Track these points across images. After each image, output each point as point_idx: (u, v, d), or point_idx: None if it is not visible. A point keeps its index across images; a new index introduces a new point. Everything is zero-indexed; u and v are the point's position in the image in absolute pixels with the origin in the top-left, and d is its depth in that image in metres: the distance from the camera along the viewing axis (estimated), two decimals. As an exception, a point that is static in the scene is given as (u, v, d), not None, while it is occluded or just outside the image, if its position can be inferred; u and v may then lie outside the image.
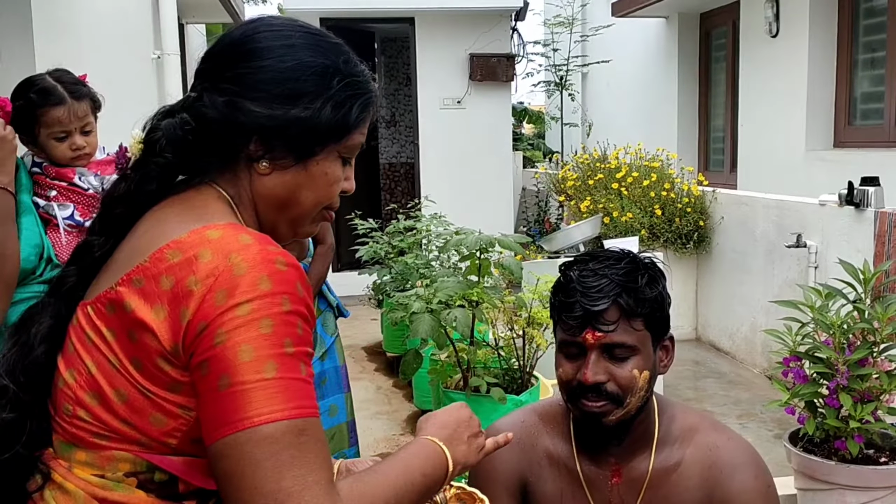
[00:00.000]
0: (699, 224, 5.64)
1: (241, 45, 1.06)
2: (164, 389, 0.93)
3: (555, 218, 8.30)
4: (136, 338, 0.93)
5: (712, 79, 7.17)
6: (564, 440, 1.48)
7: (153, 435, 0.95)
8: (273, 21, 1.09)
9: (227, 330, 0.88)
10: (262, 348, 0.88)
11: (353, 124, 1.07)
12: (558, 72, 9.33)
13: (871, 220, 3.85)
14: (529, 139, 12.21)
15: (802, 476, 2.79)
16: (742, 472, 1.40)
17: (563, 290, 1.38)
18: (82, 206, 1.84)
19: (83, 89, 1.85)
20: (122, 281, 0.95)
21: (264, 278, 0.90)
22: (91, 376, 0.97)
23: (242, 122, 1.02)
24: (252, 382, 0.87)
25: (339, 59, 1.07)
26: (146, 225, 1.02)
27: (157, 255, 0.94)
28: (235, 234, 0.94)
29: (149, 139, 1.06)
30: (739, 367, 5.25)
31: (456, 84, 8.09)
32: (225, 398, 0.87)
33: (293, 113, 1.02)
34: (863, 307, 2.65)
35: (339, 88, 1.05)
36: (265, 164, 1.04)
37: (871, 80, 5.19)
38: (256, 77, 1.03)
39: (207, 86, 1.05)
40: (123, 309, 0.94)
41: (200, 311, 0.89)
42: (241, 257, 0.91)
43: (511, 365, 3.36)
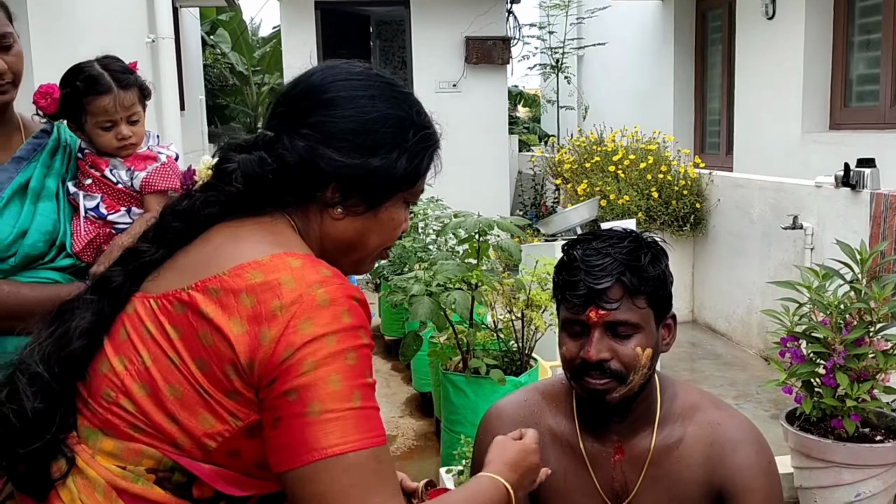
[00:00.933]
0: (695, 206, 5.66)
1: (323, 92, 1.09)
2: (222, 393, 0.96)
3: (551, 202, 8.31)
4: (209, 342, 0.96)
5: (708, 61, 7.16)
6: (567, 418, 1.50)
7: (195, 434, 0.97)
8: (352, 69, 1.13)
9: (317, 360, 0.93)
10: (349, 379, 0.94)
11: (423, 173, 1.14)
12: (554, 54, 9.31)
13: (867, 202, 3.87)
14: (525, 123, 12.19)
15: (799, 455, 2.82)
16: (743, 449, 1.42)
17: (567, 268, 1.39)
18: (109, 199, 1.83)
19: (131, 78, 1.82)
20: (197, 286, 0.99)
21: (345, 312, 0.96)
22: (145, 367, 0.99)
23: (322, 168, 1.06)
24: (341, 411, 0.92)
25: (413, 110, 1.14)
26: (220, 238, 1.06)
27: (237, 270, 0.98)
28: (315, 266, 0.99)
29: (221, 168, 1.10)
30: (735, 349, 5.29)
31: (451, 67, 8.08)
32: (315, 424, 0.92)
33: (372, 163, 1.07)
34: (859, 287, 2.67)
35: (415, 140, 1.11)
36: (339, 210, 1.09)
37: (867, 62, 5.20)
38: (338, 126, 1.07)
39: (286, 129, 1.08)
40: (198, 313, 0.97)
41: (285, 337, 0.93)
42: (324, 290, 0.96)
43: (510, 347, 3.38)
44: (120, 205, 1.84)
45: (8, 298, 1.58)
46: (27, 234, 1.64)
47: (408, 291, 3.03)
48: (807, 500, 2.86)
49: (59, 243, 1.71)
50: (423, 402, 4.39)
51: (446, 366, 3.30)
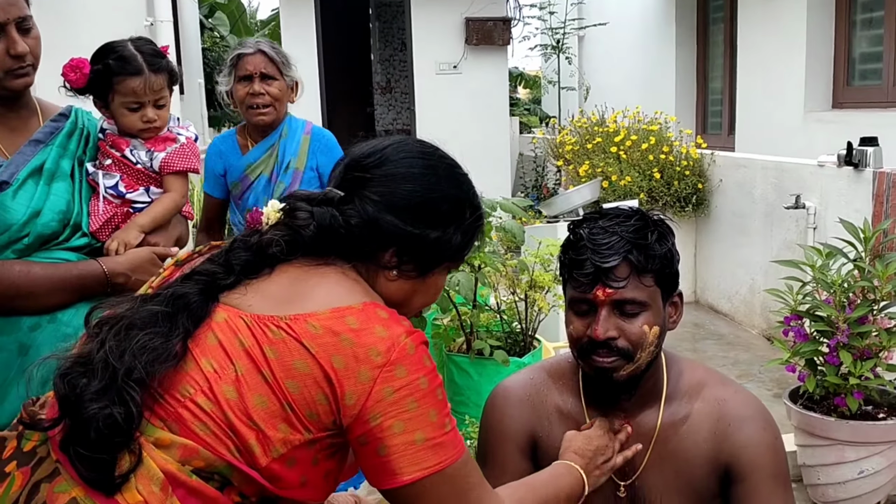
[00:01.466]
0: (698, 187, 5.65)
1: (394, 164, 1.21)
2: (304, 412, 1.08)
3: (552, 183, 8.30)
4: (305, 370, 1.07)
5: (710, 40, 7.12)
6: (574, 396, 1.50)
7: (272, 438, 1.07)
8: (424, 149, 1.26)
9: (416, 398, 1.09)
10: (441, 410, 1.12)
11: (471, 247, 1.28)
12: (555, 35, 9.26)
13: (870, 181, 3.86)
14: (526, 104, 12.15)
15: (802, 433, 2.83)
16: (750, 425, 1.42)
17: (574, 247, 1.39)
18: (128, 178, 1.83)
19: (162, 62, 1.83)
20: (296, 318, 1.09)
21: (426, 357, 1.13)
22: (236, 375, 1.08)
23: (385, 232, 1.18)
24: (440, 437, 1.11)
25: (470, 192, 1.27)
26: (314, 279, 1.16)
27: (336, 313, 1.10)
28: (397, 320, 1.13)
29: (294, 214, 1.20)
30: (738, 329, 5.30)
31: (452, 49, 8.04)
32: (421, 449, 1.10)
33: (431, 235, 1.20)
34: (863, 265, 2.67)
35: (470, 220, 1.25)
36: (395, 272, 1.21)
37: (870, 41, 5.17)
38: (405, 198, 1.19)
39: (357, 192, 1.20)
40: (300, 344, 1.08)
41: (382, 379, 1.08)
42: (409, 340, 1.11)
43: (513, 328, 3.38)
44: (138, 184, 1.85)
45: (19, 277, 1.58)
46: (40, 213, 1.65)
47: (411, 273, 3.03)
48: (810, 477, 2.87)
49: (74, 223, 1.71)
50: (426, 384, 4.40)
51: (450, 347, 3.31)
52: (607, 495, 1.47)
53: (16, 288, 1.57)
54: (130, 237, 1.76)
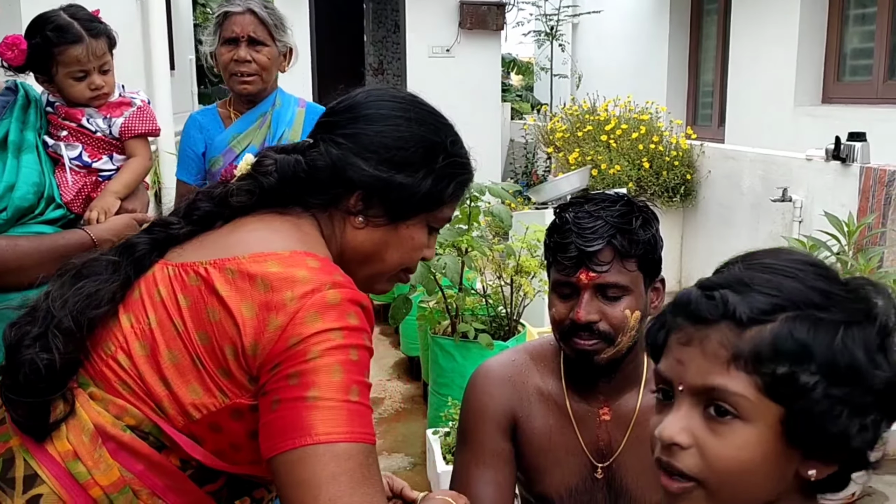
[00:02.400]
0: (686, 177, 5.67)
1: (364, 108, 1.17)
2: (216, 368, 1.00)
3: (542, 170, 8.30)
4: (216, 318, 1.00)
5: (703, 32, 7.12)
6: (554, 378, 1.51)
7: (182, 401, 1.01)
8: (397, 94, 1.21)
9: (322, 349, 0.97)
10: (350, 373, 0.98)
11: (447, 199, 1.19)
12: (549, 21, 9.24)
13: (857, 176, 3.89)
14: (518, 91, 12.13)
15: (781, 422, 2.87)
16: None
17: (559, 230, 1.40)
18: (90, 148, 1.82)
19: (100, 26, 1.79)
20: (215, 263, 1.03)
21: (352, 314, 1.00)
22: (149, 329, 1.03)
23: (350, 176, 1.13)
24: (339, 401, 0.96)
25: (448, 139, 1.19)
26: (252, 225, 1.11)
27: (257, 257, 1.02)
28: (331, 270, 1.04)
29: (259, 162, 1.16)
30: (721, 320, 5.33)
31: (445, 32, 8.01)
32: (311, 409, 0.95)
33: (397, 178, 1.13)
34: (846, 259, 2.70)
35: (442, 165, 1.17)
36: (361, 219, 1.14)
37: (861, 36, 5.18)
38: (371, 139, 1.14)
39: (325, 137, 1.16)
40: (212, 289, 1.01)
41: (292, 325, 0.97)
42: (335, 290, 1.00)
43: (498, 312, 3.40)
44: (101, 153, 1.83)
45: (6, 252, 1.56)
46: (15, 187, 1.63)
47: (398, 255, 3.03)
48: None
49: (47, 195, 1.70)
50: (410, 366, 4.42)
51: (435, 330, 3.32)
52: (585, 477, 1.48)
53: (4, 263, 1.56)
54: (108, 204, 1.76)
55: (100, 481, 1.02)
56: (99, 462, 1.02)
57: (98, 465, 1.02)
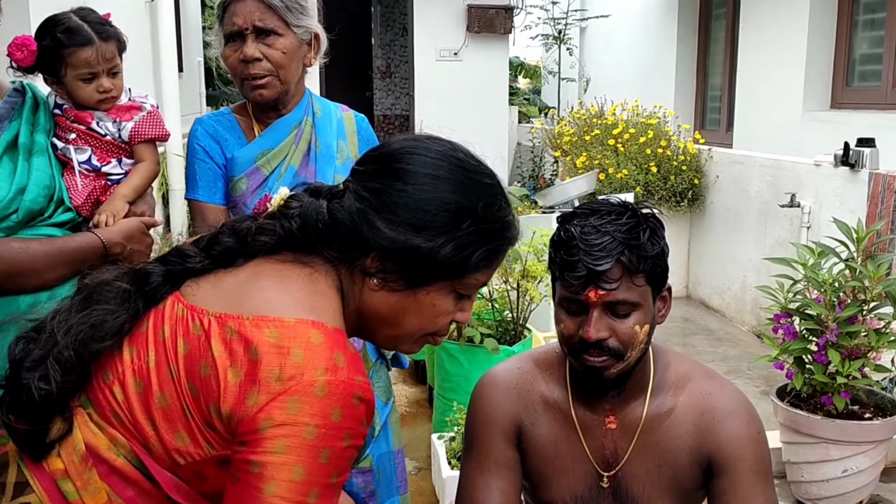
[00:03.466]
0: (694, 182, 5.65)
1: (394, 161, 1.10)
2: (203, 422, 0.98)
3: (549, 174, 8.29)
4: (206, 374, 0.97)
5: (711, 36, 7.10)
6: (560, 386, 1.50)
7: (168, 445, 0.99)
8: (432, 147, 1.11)
9: (289, 445, 0.92)
10: (313, 476, 0.93)
11: (473, 267, 1.09)
12: (557, 25, 9.23)
13: (866, 182, 3.87)
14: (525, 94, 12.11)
15: (788, 430, 2.85)
16: (734, 419, 1.43)
17: (565, 247, 1.36)
18: (100, 151, 1.81)
19: (110, 30, 1.79)
20: (220, 317, 0.99)
21: (337, 410, 0.94)
22: (147, 367, 1.01)
23: (366, 235, 1.06)
24: (293, 502, 0.92)
25: (480, 202, 1.09)
26: (267, 280, 1.05)
27: (260, 321, 0.97)
28: (332, 350, 0.97)
29: (287, 203, 1.11)
30: (728, 325, 5.31)
31: (453, 35, 8.01)
32: (263, 502, 0.92)
33: (414, 242, 1.05)
34: (855, 265, 2.68)
35: (468, 231, 1.07)
36: (376, 281, 1.08)
37: (871, 42, 5.16)
38: (392, 198, 1.07)
39: (353, 187, 1.10)
40: (208, 345, 0.98)
41: (269, 407, 0.93)
42: (326, 379, 0.94)
43: (504, 317, 3.39)
44: (110, 156, 1.83)
45: (20, 254, 1.55)
46: (26, 189, 1.62)
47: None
48: (794, 474, 2.89)
49: (57, 198, 1.70)
50: (416, 370, 4.41)
51: (441, 334, 3.31)
52: (591, 486, 1.48)
53: (17, 265, 1.54)
54: (118, 208, 1.75)
55: (88, 502, 1.01)
56: (88, 483, 1.01)
57: (87, 487, 1.01)
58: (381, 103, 10.64)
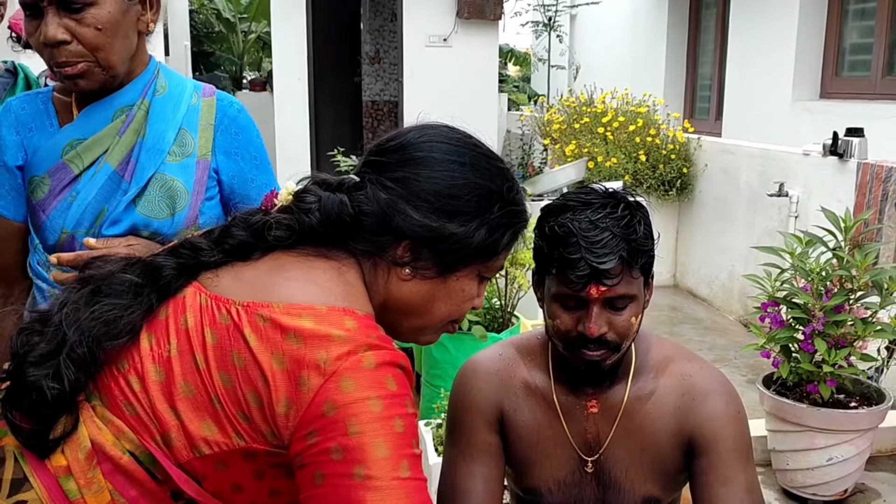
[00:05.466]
0: (683, 171, 5.64)
1: (416, 149, 1.09)
2: (236, 412, 0.95)
3: (538, 162, 8.27)
4: (241, 364, 0.94)
5: (702, 25, 7.09)
6: (542, 372, 1.49)
7: (193, 434, 0.96)
8: (451, 134, 1.12)
9: (363, 422, 0.90)
10: (397, 447, 0.91)
11: (501, 249, 1.11)
12: (547, 12, 9.19)
13: (854, 171, 3.87)
14: (515, 81, 12.08)
15: (774, 418, 2.85)
16: (713, 399, 1.42)
17: (564, 243, 1.33)
18: None
19: None
20: (248, 307, 0.97)
21: (390, 378, 0.94)
22: (168, 356, 0.98)
23: (398, 224, 1.05)
24: (389, 480, 0.90)
25: (504, 185, 1.11)
26: (293, 271, 1.03)
27: (292, 309, 0.95)
28: (369, 331, 0.97)
29: (301, 197, 1.08)
30: (716, 314, 5.32)
31: (442, 21, 7.95)
32: (360, 489, 0.89)
33: (448, 228, 1.05)
34: (842, 255, 2.68)
35: (498, 214, 1.09)
36: (408, 270, 1.07)
37: (861, 31, 5.16)
38: (423, 186, 1.06)
39: (373, 178, 1.08)
40: (240, 334, 0.95)
41: (326, 390, 0.91)
42: (372, 353, 0.94)
43: (493, 304, 3.38)
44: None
45: None
46: None
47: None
48: (779, 462, 2.90)
49: None
50: (403, 357, 4.40)
51: (428, 321, 3.30)
52: (574, 471, 1.47)
53: None
54: None
55: (90, 502, 0.97)
56: (91, 482, 0.97)
57: (90, 486, 0.97)
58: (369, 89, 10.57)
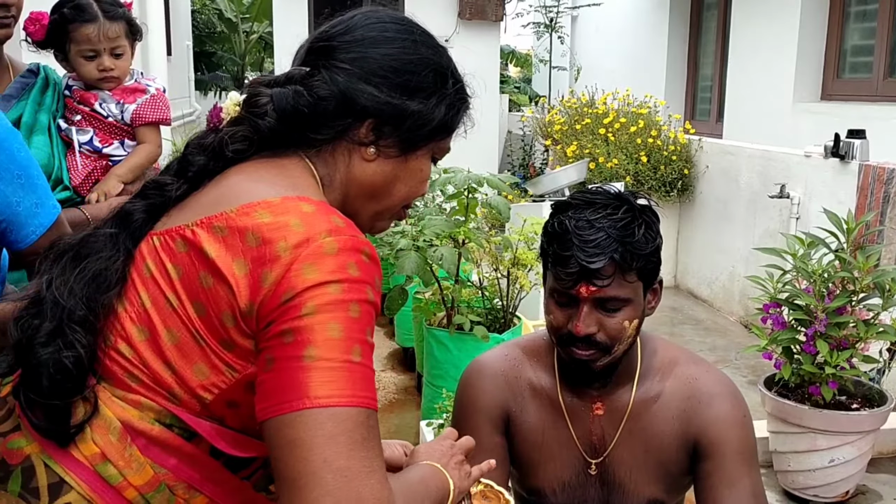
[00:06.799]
0: (683, 172, 5.65)
1: (364, 29, 1.06)
2: (217, 342, 0.92)
3: (539, 163, 8.27)
4: (209, 284, 0.92)
5: (703, 26, 7.09)
6: (547, 373, 1.50)
7: (191, 385, 0.94)
8: (396, 15, 1.10)
9: (318, 304, 0.88)
10: (351, 331, 0.89)
11: (456, 125, 1.11)
12: (548, 13, 9.20)
13: (855, 173, 3.88)
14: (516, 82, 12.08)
15: (775, 419, 2.86)
16: (719, 402, 1.43)
17: (559, 240, 1.35)
18: (102, 133, 1.83)
19: (119, 11, 1.82)
20: (202, 223, 0.94)
21: (352, 264, 0.91)
22: (144, 310, 0.95)
23: (361, 103, 1.02)
24: (339, 362, 0.87)
25: (451, 62, 1.11)
26: (237, 178, 1.01)
27: (246, 208, 0.93)
28: (328, 214, 0.94)
29: (252, 102, 1.05)
30: (716, 315, 5.33)
31: (444, 21, 7.95)
32: (309, 370, 0.87)
33: (410, 105, 1.04)
34: (844, 256, 2.68)
35: (453, 90, 1.09)
36: (372, 149, 1.04)
37: (862, 33, 5.16)
38: (379, 63, 1.04)
39: (324, 63, 1.04)
40: (201, 252, 0.93)
41: (286, 279, 0.88)
42: (333, 238, 0.91)
43: (494, 305, 3.39)
44: (113, 138, 1.85)
45: None
46: None
47: (394, 246, 3.02)
48: (781, 464, 2.90)
49: (56, 177, 1.72)
50: (405, 357, 4.41)
51: (430, 321, 3.31)
52: (578, 472, 1.48)
53: None
54: (110, 187, 1.78)
55: (133, 482, 0.94)
56: (130, 462, 0.94)
57: (130, 465, 0.94)
58: (371, 90, 10.61)
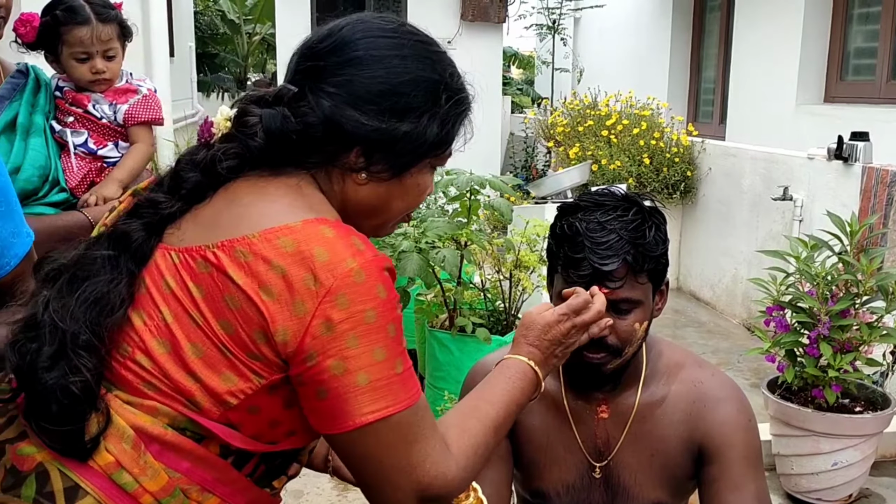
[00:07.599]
0: (686, 174, 5.64)
1: (352, 48, 1.03)
2: (245, 354, 0.95)
3: (542, 165, 8.27)
4: (236, 305, 0.94)
5: (706, 29, 7.09)
6: (552, 376, 1.49)
7: (218, 391, 0.96)
8: (385, 25, 1.06)
9: (359, 335, 0.94)
10: (392, 350, 0.96)
11: (453, 139, 1.09)
12: (551, 15, 9.20)
13: (859, 176, 3.87)
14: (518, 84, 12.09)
15: (778, 422, 2.85)
16: (725, 406, 1.42)
17: (570, 242, 1.33)
18: (96, 135, 1.84)
19: (111, 13, 1.81)
20: (223, 246, 0.96)
21: (380, 287, 0.96)
22: (165, 324, 0.97)
23: (347, 131, 1.01)
24: (388, 378, 0.96)
25: (447, 72, 1.08)
26: (249, 197, 1.01)
27: (268, 234, 0.95)
28: (348, 237, 0.97)
29: (242, 121, 1.04)
30: (719, 318, 5.32)
31: (446, 23, 7.95)
32: (364, 393, 0.94)
33: (400, 129, 1.02)
34: (848, 259, 2.68)
35: (447, 106, 1.06)
36: (363, 175, 1.04)
37: (865, 36, 5.16)
38: (366, 87, 1.02)
39: (311, 85, 1.03)
40: (225, 275, 0.94)
41: (321, 311, 0.92)
42: (358, 263, 0.94)
43: (496, 307, 3.38)
44: (107, 140, 1.85)
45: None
46: (21, 169, 1.64)
47: (397, 248, 3.01)
48: (783, 467, 2.90)
49: (52, 179, 1.71)
50: (407, 359, 4.40)
51: (432, 323, 3.30)
52: (583, 475, 1.47)
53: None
54: (110, 192, 1.77)
55: (149, 488, 0.96)
56: (145, 469, 0.96)
57: (145, 472, 0.96)
58: (373, 91, 10.62)
